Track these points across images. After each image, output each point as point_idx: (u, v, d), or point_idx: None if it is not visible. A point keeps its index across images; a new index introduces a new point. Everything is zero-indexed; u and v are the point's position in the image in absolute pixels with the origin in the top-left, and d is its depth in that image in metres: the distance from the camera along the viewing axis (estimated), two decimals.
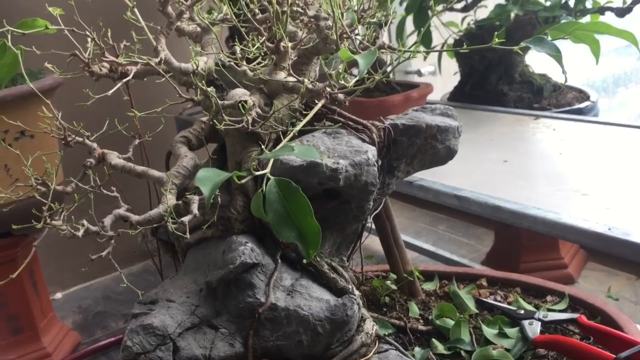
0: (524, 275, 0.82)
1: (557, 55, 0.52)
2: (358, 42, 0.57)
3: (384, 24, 0.71)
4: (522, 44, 0.52)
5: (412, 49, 0.53)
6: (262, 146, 0.63)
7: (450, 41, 1.70)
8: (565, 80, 0.59)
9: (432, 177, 1.08)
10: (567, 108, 1.46)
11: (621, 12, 1.33)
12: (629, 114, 2.50)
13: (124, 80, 0.60)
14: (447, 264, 1.70)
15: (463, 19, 1.67)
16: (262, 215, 0.40)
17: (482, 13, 1.61)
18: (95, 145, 0.67)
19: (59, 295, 2.00)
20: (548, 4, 1.39)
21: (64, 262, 1.90)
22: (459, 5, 1.55)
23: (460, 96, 1.67)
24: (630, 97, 2.53)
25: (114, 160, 0.65)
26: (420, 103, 1.39)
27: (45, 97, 0.64)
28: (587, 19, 1.32)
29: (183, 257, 0.71)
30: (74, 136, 0.66)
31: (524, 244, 1.58)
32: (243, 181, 0.41)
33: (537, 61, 1.67)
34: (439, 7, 1.49)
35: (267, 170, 0.41)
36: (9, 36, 0.64)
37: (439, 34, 1.69)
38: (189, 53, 0.68)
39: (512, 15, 1.39)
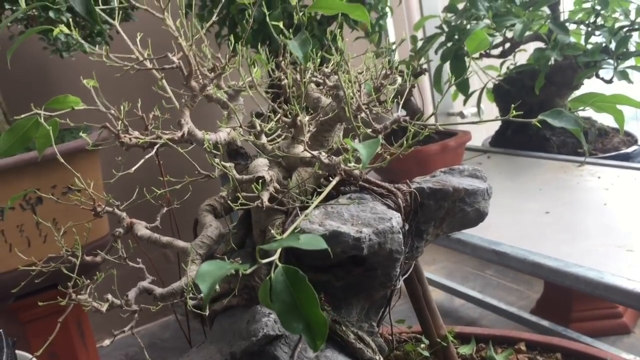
0: (564, 340, 0.78)
1: (576, 130, 0.50)
2: (373, 114, 0.56)
3: (422, 71, 0.71)
4: (540, 117, 0.51)
5: (425, 121, 0.52)
6: (287, 215, 0.63)
7: (490, 85, 1.68)
8: (586, 157, 0.56)
9: (471, 230, 1.06)
10: (614, 153, 1.41)
11: None
12: None
13: (150, 154, 0.62)
14: (495, 312, 1.64)
15: (502, 64, 1.65)
16: (269, 304, 0.39)
17: (521, 56, 1.59)
18: (124, 214, 0.69)
19: (106, 342, 2.03)
20: (589, 47, 1.36)
21: (112, 309, 1.94)
22: (496, 52, 1.54)
23: (502, 141, 1.64)
24: None
25: (140, 231, 0.66)
26: (459, 151, 1.37)
27: (91, 154, 0.66)
28: (630, 62, 1.28)
29: (211, 323, 0.71)
30: (104, 206, 0.68)
31: (575, 291, 1.51)
32: (248, 271, 0.41)
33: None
34: (476, 55, 1.48)
35: (275, 257, 0.41)
36: (42, 114, 0.67)
37: (478, 77, 1.67)
38: (217, 119, 0.69)
39: (552, 60, 1.36)
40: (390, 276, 0.66)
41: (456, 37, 1.45)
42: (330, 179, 0.65)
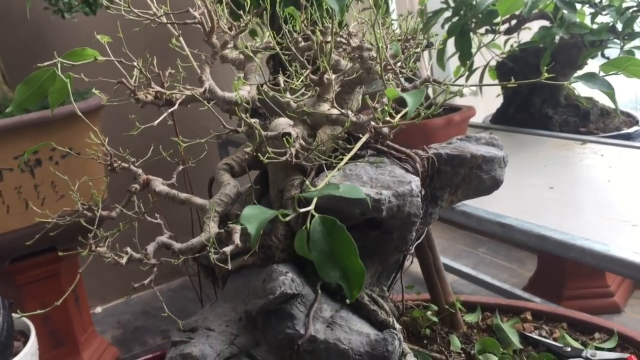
0: (570, 310, 0.79)
1: (610, 93, 0.50)
2: (401, 74, 0.56)
3: (427, 49, 0.70)
4: (573, 80, 0.51)
5: (456, 82, 0.52)
6: (304, 176, 0.63)
7: (493, 63, 1.68)
8: (618, 115, 0.57)
9: (475, 203, 1.06)
10: (615, 133, 1.42)
11: None
12: None
13: (170, 110, 0.61)
14: (488, 289, 1.66)
15: (506, 41, 1.64)
16: (306, 253, 0.39)
17: (525, 35, 1.58)
18: (140, 171, 0.68)
19: (99, 309, 2.03)
20: (595, 27, 1.35)
21: (105, 276, 1.93)
22: (502, 28, 1.53)
23: (503, 119, 1.64)
24: None
25: (158, 187, 0.66)
26: (462, 126, 1.37)
27: (91, 117, 0.66)
28: (635, 42, 1.29)
29: (223, 283, 0.71)
30: (119, 162, 0.68)
31: (568, 270, 1.54)
32: (287, 219, 0.41)
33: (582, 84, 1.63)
34: (482, 30, 1.47)
35: (312, 207, 0.41)
36: (59, 65, 0.66)
37: (481, 55, 1.66)
38: (232, 80, 0.68)
39: (557, 38, 1.36)
40: (406, 240, 0.66)
41: (462, 12, 1.44)
42: (351, 140, 0.64)
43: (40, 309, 0.59)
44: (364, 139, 0.53)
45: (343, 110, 0.52)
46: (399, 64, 0.56)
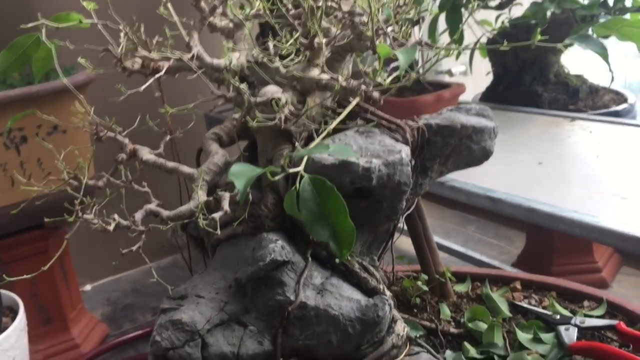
0: (559, 278, 0.80)
1: (603, 53, 0.50)
2: (393, 39, 0.56)
3: (419, 20, 0.70)
4: (567, 41, 0.50)
5: (449, 46, 0.51)
6: (294, 143, 0.63)
7: (484, 40, 1.67)
8: (612, 80, 0.56)
9: (464, 178, 1.06)
10: (604, 110, 1.42)
11: None
12: None
13: (156, 76, 0.60)
14: (477, 266, 1.67)
15: (497, 17, 1.64)
16: (296, 213, 0.39)
17: (517, 11, 1.58)
18: (127, 140, 0.68)
19: (88, 287, 2.02)
20: (586, 2, 1.35)
21: (94, 254, 1.93)
22: (493, 3, 1.52)
23: (493, 97, 1.64)
24: None
25: (145, 155, 0.65)
26: (452, 103, 1.37)
27: (78, 93, 0.64)
28: (626, 17, 1.28)
29: (212, 252, 0.71)
30: (105, 131, 0.67)
31: (556, 246, 1.55)
32: (276, 177, 0.40)
33: (572, 62, 1.64)
34: (474, 5, 1.46)
35: (301, 167, 0.40)
36: (43, 30, 0.65)
37: (472, 32, 1.65)
38: (221, 49, 0.67)
39: (549, 13, 1.35)
40: (396, 209, 0.66)
41: None
42: (340, 108, 0.64)
43: (28, 286, 0.58)
44: (354, 103, 0.53)
45: (333, 75, 0.51)
46: (390, 28, 0.55)
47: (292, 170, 0.41)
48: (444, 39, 1.68)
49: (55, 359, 1.52)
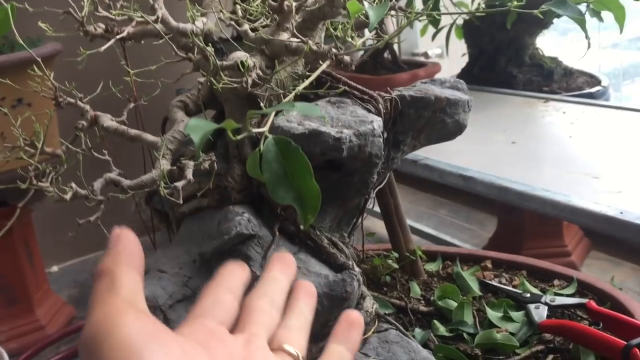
0: (530, 258, 0.79)
1: (580, 19, 0.49)
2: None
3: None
4: (544, 7, 0.49)
5: (422, 13, 0.49)
6: (260, 116, 0.60)
7: (459, 22, 1.66)
8: (589, 47, 0.55)
9: (438, 157, 1.05)
10: (578, 92, 1.42)
11: None
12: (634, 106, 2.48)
13: (118, 37, 0.57)
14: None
15: None
16: (258, 174, 0.37)
17: None
18: (87, 107, 0.65)
19: (55, 268, 1.98)
20: None
21: (61, 235, 1.88)
22: None
23: (469, 78, 1.63)
24: (635, 91, 2.51)
25: (106, 122, 0.62)
26: None
27: (44, 65, 0.61)
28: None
29: (177, 227, 0.69)
30: (65, 97, 0.64)
31: (527, 230, 1.55)
32: (240, 137, 0.38)
33: (547, 44, 1.63)
34: None
35: (266, 128, 0.38)
36: None
37: (448, 13, 1.64)
38: (188, 15, 0.64)
39: None
40: (367, 182, 0.64)
41: None
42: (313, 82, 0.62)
43: None
44: (324, 66, 0.50)
45: (303, 38, 0.49)
46: None
47: (256, 130, 0.38)
48: (422, 19, 1.66)
49: (20, 340, 1.48)
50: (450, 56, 2.01)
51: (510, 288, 0.73)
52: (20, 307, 1.50)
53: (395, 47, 2.31)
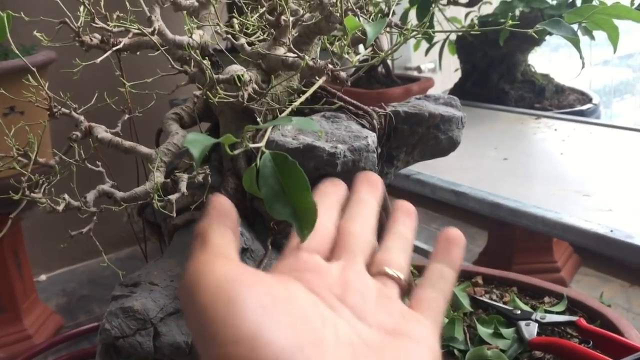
0: (521, 274, 0.80)
1: (574, 39, 0.49)
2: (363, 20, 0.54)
3: (390, 12, 0.68)
4: (538, 27, 0.49)
5: (417, 30, 0.50)
6: (255, 130, 0.61)
7: (453, 37, 1.68)
8: (583, 66, 0.56)
9: (430, 172, 1.06)
10: (569, 110, 1.43)
11: None
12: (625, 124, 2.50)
13: (114, 48, 0.57)
14: None
15: (466, 15, 1.64)
16: (255, 190, 0.37)
17: (486, 9, 1.58)
18: (82, 117, 0.64)
19: (43, 277, 1.96)
20: (554, 2, 1.36)
21: (50, 244, 1.87)
22: (463, 0, 1.52)
23: (461, 93, 1.64)
24: (625, 108, 2.54)
25: (100, 133, 0.62)
26: None
27: (38, 73, 0.61)
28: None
29: (169, 239, 0.68)
30: (59, 107, 0.63)
31: (517, 245, 1.55)
32: (236, 152, 0.38)
33: (539, 61, 1.65)
34: (444, 1, 1.46)
35: (263, 143, 0.38)
36: None
37: (442, 29, 1.66)
38: (185, 29, 0.65)
39: (518, 12, 1.36)
40: None
41: None
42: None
43: None
44: (320, 81, 0.51)
45: (299, 54, 0.49)
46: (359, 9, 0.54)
47: (252, 145, 0.39)
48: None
49: (7, 349, 1.47)
50: (443, 71, 2.03)
51: (500, 304, 0.73)
52: (7, 316, 1.49)
53: (389, 60, 2.33)
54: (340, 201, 0.42)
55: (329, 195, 0.41)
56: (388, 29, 0.52)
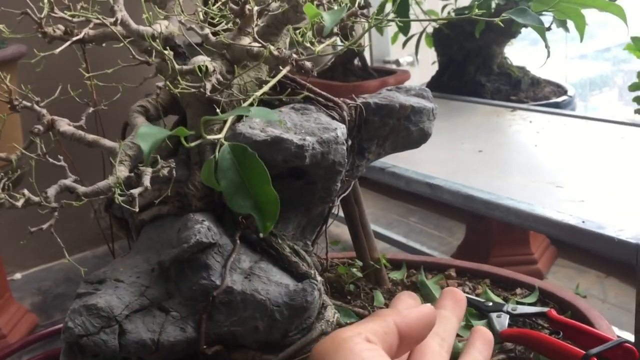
0: (494, 266, 0.79)
1: (539, 28, 0.49)
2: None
3: (366, 4, 0.67)
4: (504, 15, 0.49)
5: (385, 19, 0.49)
6: (223, 123, 0.59)
7: (430, 30, 1.67)
8: (548, 55, 0.56)
9: (405, 165, 1.05)
10: (545, 102, 1.44)
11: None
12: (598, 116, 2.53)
13: (73, 39, 0.56)
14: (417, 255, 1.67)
15: (443, 8, 1.64)
16: (213, 183, 0.36)
17: (463, 1, 1.58)
18: (44, 111, 0.63)
19: (18, 275, 1.93)
20: None
21: (25, 242, 1.84)
22: None
23: (438, 86, 1.65)
24: (604, 101, 2.56)
25: (63, 127, 0.60)
26: None
27: (7, 68, 0.59)
28: None
29: (137, 235, 0.67)
30: (21, 100, 0.62)
31: (494, 238, 1.56)
32: (192, 144, 0.37)
33: (515, 54, 1.66)
34: None
35: (222, 135, 0.37)
36: None
37: (419, 22, 1.66)
38: (144, 17, 0.63)
39: (494, 4, 1.36)
40: (331, 190, 0.64)
41: None
42: (277, 86, 0.61)
43: None
44: (284, 71, 0.50)
45: (264, 43, 0.48)
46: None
47: (211, 137, 0.37)
48: (392, 28, 1.67)
49: None
50: (421, 64, 2.03)
51: (473, 297, 0.72)
52: None
53: (367, 54, 2.32)
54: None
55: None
56: (354, 19, 0.51)
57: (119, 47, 0.62)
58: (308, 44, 0.46)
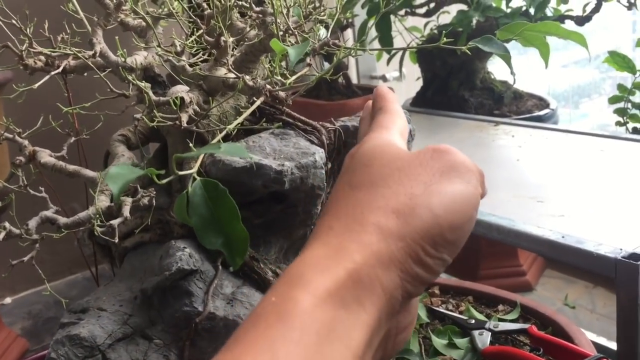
0: (476, 283, 0.80)
1: (505, 56, 0.50)
2: (303, 39, 0.54)
3: (348, 24, 0.68)
4: (471, 44, 0.50)
5: (354, 47, 0.50)
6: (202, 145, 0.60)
7: (413, 46, 1.69)
8: (514, 82, 0.57)
9: None
10: (527, 115, 1.46)
11: (581, 21, 1.33)
12: (591, 124, 2.56)
13: (53, 72, 0.56)
14: None
15: (426, 24, 1.66)
16: (185, 219, 0.37)
17: (444, 19, 1.60)
18: (26, 142, 0.63)
19: (8, 300, 1.91)
20: (508, 10, 1.38)
21: (15, 266, 1.83)
22: (421, 10, 1.54)
23: (422, 101, 1.66)
24: (592, 108, 2.59)
25: (44, 158, 0.61)
26: None
27: None
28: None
29: (120, 262, 0.68)
30: (2, 132, 0.62)
31: (483, 250, 1.57)
32: (164, 182, 0.38)
33: (498, 69, 1.68)
34: (402, 12, 1.48)
35: (194, 170, 0.38)
36: None
37: (402, 38, 1.67)
38: (119, 53, 0.64)
39: (474, 21, 1.38)
40: (311, 213, 0.65)
41: None
42: (256, 113, 0.62)
43: None
44: (258, 102, 0.51)
45: (238, 74, 0.49)
46: (300, 28, 0.54)
47: (182, 173, 0.38)
48: (376, 44, 1.68)
49: None
50: (407, 79, 2.05)
51: (456, 314, 0.73)
52: None
53: (354, 69, 2.34)
54: None
55: None
56: (327, 48, 0.53)
57: (103, 77, 0.63)
58: (279, 77, 0.47)
